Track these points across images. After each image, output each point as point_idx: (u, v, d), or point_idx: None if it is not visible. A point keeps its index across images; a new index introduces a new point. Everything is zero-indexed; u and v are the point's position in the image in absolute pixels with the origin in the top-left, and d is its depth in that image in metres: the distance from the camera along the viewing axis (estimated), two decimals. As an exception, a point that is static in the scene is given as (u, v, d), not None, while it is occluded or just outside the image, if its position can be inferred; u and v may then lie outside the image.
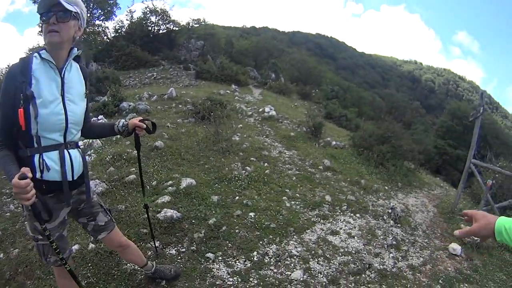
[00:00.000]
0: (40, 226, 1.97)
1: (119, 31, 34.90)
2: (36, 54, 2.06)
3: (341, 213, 6.44)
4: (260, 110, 14.49)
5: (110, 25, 36.21)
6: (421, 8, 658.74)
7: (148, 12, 34.10)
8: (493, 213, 8.17)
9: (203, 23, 36.45)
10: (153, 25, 34.58)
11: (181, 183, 5.88)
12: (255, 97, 20.72)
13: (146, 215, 3.51)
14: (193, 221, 4.83)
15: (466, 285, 5.07)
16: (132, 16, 35.07)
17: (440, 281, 4.97)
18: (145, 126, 2.56)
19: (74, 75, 2.23)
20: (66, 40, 2.07)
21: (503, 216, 1.39)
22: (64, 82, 2.11)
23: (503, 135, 38.25)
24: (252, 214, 5.39)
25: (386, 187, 9.26)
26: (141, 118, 2.59)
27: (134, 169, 6.42)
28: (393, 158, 10.90)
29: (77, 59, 2.28)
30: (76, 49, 2.20)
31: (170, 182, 5.99)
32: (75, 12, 2.04)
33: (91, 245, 4.07)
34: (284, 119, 13.78)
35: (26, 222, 2.35)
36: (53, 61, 2.06)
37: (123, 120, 2.57)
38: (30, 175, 1.72)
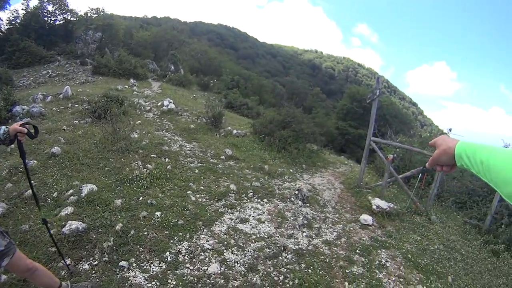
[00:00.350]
0: None
1: (13, 22, 30.92)
2: None
3: (248, 200, 6.59)
4: (159, 104, 14.28)
5: (4, 16, 32.37)
6: (324, 1, 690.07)
7: (44, 1, 31.00)
8: (398, 185, 8.91)
9: (102, 12, 33.87)
10: (49, 15, 31.44)
11: (82, 190, 5.56)
12: (154, 90, 20.28)
13: (53, 232, 3.26)
14: (100, 230, 4.60)
15: (384, 250, 5.49)
16: (28, 5, 31.17)
17: (357, 251, 5.31)
18: (26, 130, 2.38)
19: None
20: None
21: (463, 140, 1.28)
22: None
23: (401, 114, 41.66)
24: (158, 213, 5.30)
25: (291, 170, 9.63)
26: (22, 122, 2.40)
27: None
28: (295, 142, 11.37)
29: None
30: None
31: (71, 191, 5.63)
32: None
33: (3, 277, 3.67)
34: (184, 111, 13.73)
35: None
36: None
37: (3, 127, 2.37)
38: None
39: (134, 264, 4.10)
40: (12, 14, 31.06)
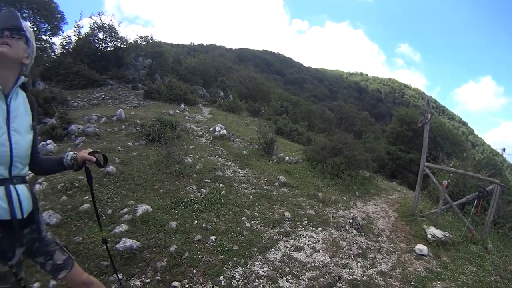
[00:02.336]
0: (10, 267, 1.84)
1: (66, 47, 32.95)
2: None
3: (303, 228, 6.43)
4: (211, 129, 14.30)
5: (57, 41, 34.53)
6: (364, 24, 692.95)
7: (95, 28, 32.63)
8: (452, 212, 8.49)
9: (150, 40, 35.46)
10: (100, 42, 33.19)
11: (137, 210, 5.67)
12: (205, 116, 20.50)
13: (105, 247, 3.27)
14: (154, 249, 4.64)
15: (439, 282, 5.16)
16: (79, 32, 33.22)
17: (412, 283, 5.03)
18: (95, 159, 2.35)
19: (21, 104, 2.05)
20: (15, 57, 1.95)
21: None
22: (9, 110, 1.93)
23: (452, 136, 39.88)
24: (213, 237, 5.25)
25: (345, 198, 9.37)
26: (91, 150, 2.39)
27: (87, 197, 6.09)
28: (347, 169, 11.10)
29: (24, 88, 2.13)
30: (23, 77, 2.05)
31: (125, 209, 5.75)
32: (27, 36, 2.00)
33: (52, 282, 3.80)
34: (236, 137, 13.70)
35: None
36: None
37: (71, 153, 2.36)
38: None
39: (187, 286, 4.08)
40: (65, 40, 33.10)
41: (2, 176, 1.89)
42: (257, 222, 6.23)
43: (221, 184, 7.85)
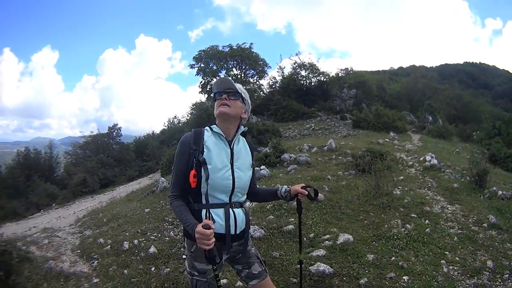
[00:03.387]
0: (212, 267, 2.30)
1: (273, 86, 38.71)
2: (207, 127, 2.50)
3: (502, 283, 5.47)
4: (421, 159, 13.44)
5: (264, 82, 40.19)
6: None
7: (297, 67, 37.03)
8: None
9: (351, 72, 37.44)
10: (304, 78, 37.19)
11: (338, 238, 5.85)
12: (415, 144, 19.62)
13: (298, 266, 3.60)
14: (344, 278, 4.74)
15: None
16: (282, 72, 38.71)
17: None
18: (307, 193, 2.70)
19: (242, 147, 2.59)
20: (234, 115, 2.48)
21: None
22: (233, 153, 2.48)
23: None
24: (405, 277, 4.97)
25: None
26: (304, 184, 2.75)
27: (293, 219, 6.69)
28: None
29: (244, 135, 2.66)
30: (242, 126, 2.60)
31: (327, 236, 6.02)
32: (242, 96, 2.51)
33: (239, 283, 4.44)
34: (447, 167, 12.56)
35: (186, 260, 2.67)
36: (223, 134, 2.46)
37: (285, 186, 2.78)
38: (213, 227, 2.07)
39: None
40: (271, 80, 39.12)
41: (223, 201, 2.42)
42: (455, 268, 5.58)
43: (426, 221, 7.31)
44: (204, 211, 2.35)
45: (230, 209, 2.42)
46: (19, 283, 4.17)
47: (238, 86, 2.50)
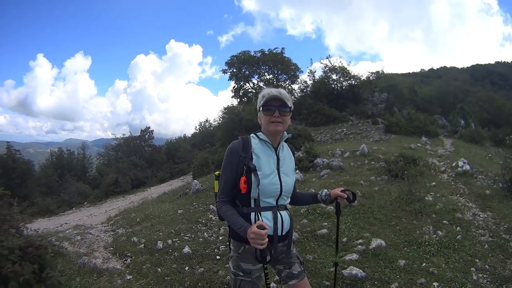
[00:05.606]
0: (263, 266, 2.56)
1: (304, 90, 38.67)
2: (253, 135, 2.70)
3: None
4: (454, 164, 13.35)
5: (295, 86, 40.38)
6: None
7: (328, 71, 36.90)
8: None
9: (382, 75, 36.78)
10: (334, 82, 36.97)
11: (371, 243, 5.99)
12: (447, 149, 19.44)
13: (332, 269, 3.78)
14: (375, 282, 4.87)
15: None
16: (313, 76, 38.76)
17: None
18: (346, 196, 2.91)
19: (286, 153, 2.81)
20: (285, 129, 2.68)
21: None
22: (279, 159, 2.69)
23: None
24: (435, 284, 5.05)
25: None
26: (343, 188, 2.95)
27: (326, 223, 6.90)
28: None
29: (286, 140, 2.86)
30: (286, 133, 2.77)
31: (360, 240, 6.16)
32: (291, 108, 2.65)
33: (273, 284, 4.66)
34: (479, 173, 12.43)
35: (230, 262, 2.85)
36: (270, 142, 2.67)
37: (325, 190, 2.99)
38: (267, 227, 2.26)
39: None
40: (303, 84, 39.26)
41: (271, 205, 2.63)
42: (485, 276, 5.59)
43: (458, 228, 7.32)
44: (253, 214, 2.55)
45: (278, 212, 2.63)
46: (53, 276, 4.32)
47: (286, 96, 2.62)
